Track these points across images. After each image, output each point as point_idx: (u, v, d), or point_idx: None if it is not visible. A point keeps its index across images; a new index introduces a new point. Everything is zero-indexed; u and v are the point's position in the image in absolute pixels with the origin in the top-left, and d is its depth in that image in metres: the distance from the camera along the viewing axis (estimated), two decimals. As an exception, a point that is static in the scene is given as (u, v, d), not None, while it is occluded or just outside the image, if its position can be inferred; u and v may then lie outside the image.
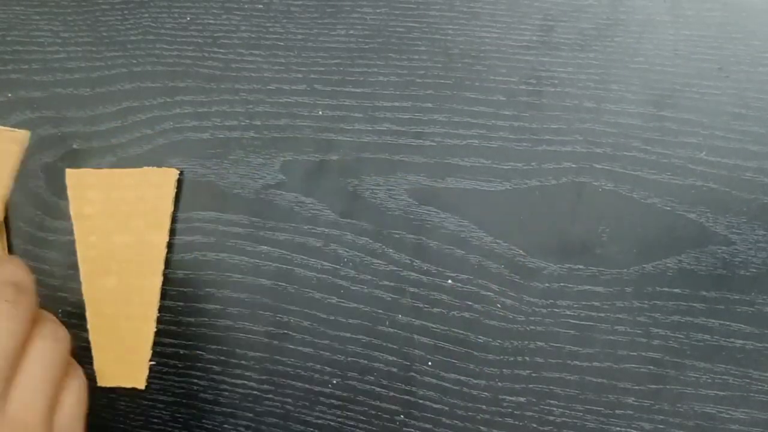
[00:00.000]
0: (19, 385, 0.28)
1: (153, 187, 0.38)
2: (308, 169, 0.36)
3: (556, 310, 0.33)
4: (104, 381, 0.40)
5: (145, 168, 0.38)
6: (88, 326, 0.39)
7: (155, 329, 0.39)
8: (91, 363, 0.39)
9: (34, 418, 0.28)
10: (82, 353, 0.39)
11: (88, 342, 0.39)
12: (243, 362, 0.38)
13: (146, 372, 0.39)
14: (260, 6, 0.37)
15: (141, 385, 0.39)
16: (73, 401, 0.30)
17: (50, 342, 0.30)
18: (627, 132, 0.32)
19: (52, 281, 0.41)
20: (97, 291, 0.39)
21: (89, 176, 0.39)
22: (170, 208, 0.38)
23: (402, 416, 0.36)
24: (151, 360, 0.39)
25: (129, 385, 0.39)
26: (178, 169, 0.38)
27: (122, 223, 0.38)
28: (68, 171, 0.39)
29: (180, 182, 0.38)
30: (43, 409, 0.28)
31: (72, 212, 0.39)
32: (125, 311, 0.39)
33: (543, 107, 0.33)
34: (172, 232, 0.38)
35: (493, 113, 0.34)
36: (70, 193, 0.39)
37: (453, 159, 0.34)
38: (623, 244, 0.32)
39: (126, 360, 0.39)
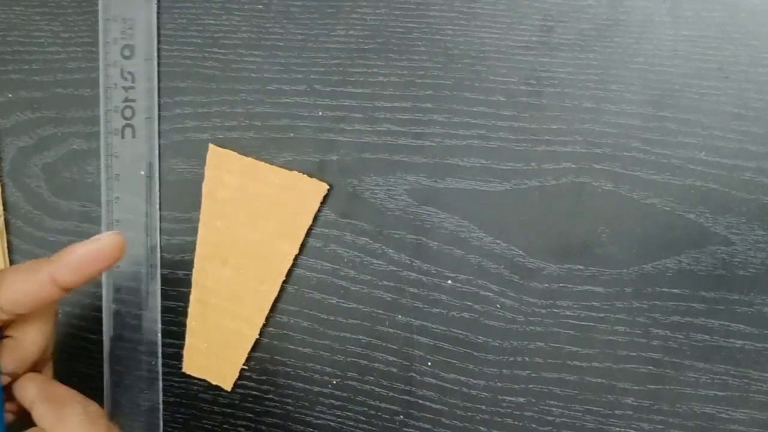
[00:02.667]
0: None
1: (297, 194, 0.36)
2: (308, 170, 0.36)
3: (556, 311, 0.33)
4: (190, 369, 0.38)
5: (296, 172, 0.36)
6: (189, 310, 0.38)
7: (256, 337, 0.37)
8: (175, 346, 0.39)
9: None
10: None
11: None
12: (243, 362, 0.38)
13: (236, 375, 0.38)
14: (260, 6, 0.37)
15: (227, 386, 0.38)
16: None
17: None
18: (627, 132, 0.32)
19: (52, 281, 0.41)
20: (207, 278, 0.37)
21: (233, 159, 0.37)
22: (309, 221, 0.36)
23: (401, 416, 0.36)
24: (244, 365, 0.38)
25: (215, 382, 0.38)
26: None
27: (253, 219, 0.36)
28: (211, 146, 0.37)
29: (325, 198, 0.36)
30: None
31: (204, 190, 0.37)
32: (232, 309, 0.37)
33: (543, 107, 0.33)
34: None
35: (492, 113, 0.34)
36: (207, 171, 0.37)
37: (452, 159, 0.34)
38: (623, 244, 0.32)
39: (218, 356, 0.38)
